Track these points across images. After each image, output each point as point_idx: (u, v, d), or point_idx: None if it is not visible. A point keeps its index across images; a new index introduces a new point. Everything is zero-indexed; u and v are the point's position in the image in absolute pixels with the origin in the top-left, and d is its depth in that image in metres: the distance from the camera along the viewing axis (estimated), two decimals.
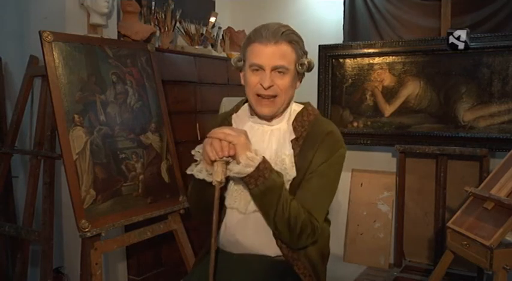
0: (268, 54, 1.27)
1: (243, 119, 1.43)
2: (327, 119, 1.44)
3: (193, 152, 1.32)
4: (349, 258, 3.15)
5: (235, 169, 1.21)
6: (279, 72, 1.28)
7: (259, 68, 1.29)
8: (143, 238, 2.17)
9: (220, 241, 1.39)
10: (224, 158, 1.21)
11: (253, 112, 1.40)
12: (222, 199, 1.33)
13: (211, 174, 1.26)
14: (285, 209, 1.22)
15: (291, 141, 1.33)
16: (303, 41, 1.35)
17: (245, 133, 1.23)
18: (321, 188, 1.29)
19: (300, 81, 1.40)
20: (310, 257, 1.34)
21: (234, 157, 1.22)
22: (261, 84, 1.28)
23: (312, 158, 1.29)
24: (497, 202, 1.96)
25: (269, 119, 1.37)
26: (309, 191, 1.28)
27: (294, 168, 1.29)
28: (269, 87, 1.28)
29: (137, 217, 2.09)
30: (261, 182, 1.20)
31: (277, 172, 1.26)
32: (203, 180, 1.27)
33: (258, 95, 1.31)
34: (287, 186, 1.29)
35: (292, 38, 1.30)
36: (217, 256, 1.37)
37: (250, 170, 1.19)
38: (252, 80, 1.30)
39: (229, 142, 1.20)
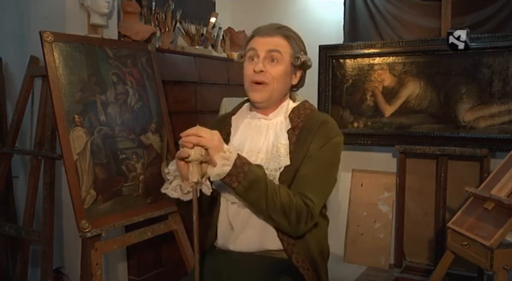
0: (264, 42, 1.36)
1: (240, 118, 1.47)
2: (323, 112, 1.49)
3: (166, 171, 1.32)
4: (350, 258, 3.15)
5: (213, 172, 1.18)
6: (272, 60, 1.35)
7: (255, 56, 1.36)
8: (143, 238, 2.17)
9: (222, 238, 1.39)
10: (199, 157, 1.19)
11: (252, 108, 1.45)
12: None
13: (186, 193, 1.25)
14: (276, 198, 1.21)
15: (288, 131, 1.36)
16: (302, 41, 1.42)
17: (218, 135, 1.21)
18: (316, 171, 1.30)
19: (299, 80, 1.44)
20: (310, 252, 1.34)
21: (208, 160, 1.20)
22: (254, 70, 1.34)
23: (308, 146, 1.32)
24: (497, 202, 1.96)
25: (265, 111, 1.40)
26: (304, 175, 1.29)
27: (288, 157, 1.32)
28: (260, 71, 1.33)
29: (137, 217, 2.09)
30: (242, 177, 1.19)
31: (257, 165, 1.25)
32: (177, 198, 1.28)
33: (252, 82, 1.36)
34: (277, 174, 1.30)
35: (288, 33, 1.38)
36: (217, 255, 1.37)
37: (228, 168, 1.18)
38: (248, 68, 1.37)
39: (203, 146, 1.19)
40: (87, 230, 1.87)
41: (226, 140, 1.41)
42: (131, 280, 2.50)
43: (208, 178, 1.21)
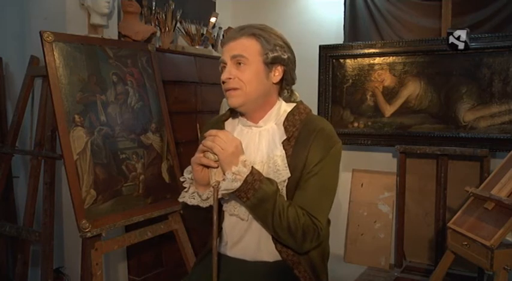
0: (227, 49, 1.31)
1: (234, 125, 1.41)
2: (319, 116, 1.40)
3: (181, 179, 1.31)
4: (350, 258, 3.15)
5: (222, 186, 1.18)
6: (239, 63, 1.28)
7: (224, 66, 1.32)
8: (144, 238, 2.17)
9: (219, 245, 1.37)
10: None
11: (240, 114, 1.39)
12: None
13: (205, 199, 1.25)
14: (283, 217, 1.20)
15: (282, 142, 1.29)
16: (277, 36, 1.32)
17: (232, 147, 1.19)
18: (319, 188, 1.26)
19: (283, 76, 1.34)
20: (311, 259, 1.33)
21: None
22: (222, 80, 1.31)
23: (306, 158, 1.25)
24: (497, 202, 1.96)
25: (253, 118, 1.34)
26: (307, 193, 1.25)
27: (287, 168, 1.27)
28: (228, 79, 1.29)
29: (138, 217, 2.09)
30: (252, 194, 1.18)
31: (269, 179, 1.22)
32: (196, 205, 1.27)
33: (225, 91, 1.33)
34: (282, 187, 1.27)
35: (254, 31, 1.29)
36: (218, 258, 1.37)
37: (237, 185, 1.17)
38: (221, 78, 1.33)
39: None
40: (87, 230, 1.87)
41: None
42: (131, 280, 2.50)
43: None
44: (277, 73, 1.32)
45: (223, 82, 1.31)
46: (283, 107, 1.36)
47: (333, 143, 1.29)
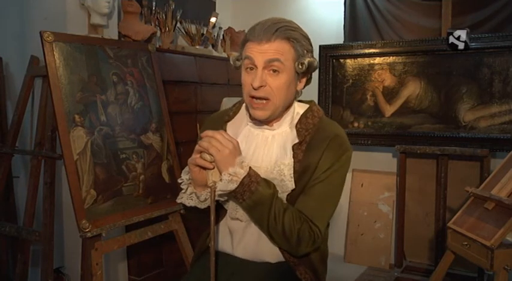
0: (261, 50, 1.18)
1: (239, 125, 1.35)
2: (332, 121, 1.36)
3: (179, 180, 1.29)
4: (350, 258, 3.15)
5: (218, 187, 1.16)
6: (273, 70, 1.19)
7: (253, 67, 1.20)
8: (144, 238, 2.17)
9: (220, 244, 1.36)
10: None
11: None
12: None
13: (202, 201, 1.23)
14: (278, 220, 1.18)
15: (293, 146, 1.25)
16: (307, 38, 1.25)
17: (233, 145, 1.15)
18: (324, 195, 1.24)
19: (305, 83, 1.30)
20: (312, 262, 1.32)
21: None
22: (252, 85, 1.19)
23: (317, 164, 1.22)
24: (498, 202, 1.96)
25: (268, 122, 1.28)
26: (311, 198, 1.23)
27: (293, 180, 1.23)
28: (259, 87, 1.18)
29: (138, 217, 2.09)
30: (248, 196, 1.16)
31: (267, 182, 1.20)
32: (194, 206, 1.25)
33: (252, 97, 1.22)
34: (284, 196, 1.25)
35: (289, 34, 1.19)
36: (217, 258, 1.37)
37: (233, 186, 1.15)
38: (246, 80, 1.22)
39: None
40: (87, 230, 1.87)
41: None
42: (131, 280, 2.50)
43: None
44: (303, 81, 1.28)
45: (254, 88, 1.19)
46: (297, 109, 1.32)
47: (344, 150, 1.26)
